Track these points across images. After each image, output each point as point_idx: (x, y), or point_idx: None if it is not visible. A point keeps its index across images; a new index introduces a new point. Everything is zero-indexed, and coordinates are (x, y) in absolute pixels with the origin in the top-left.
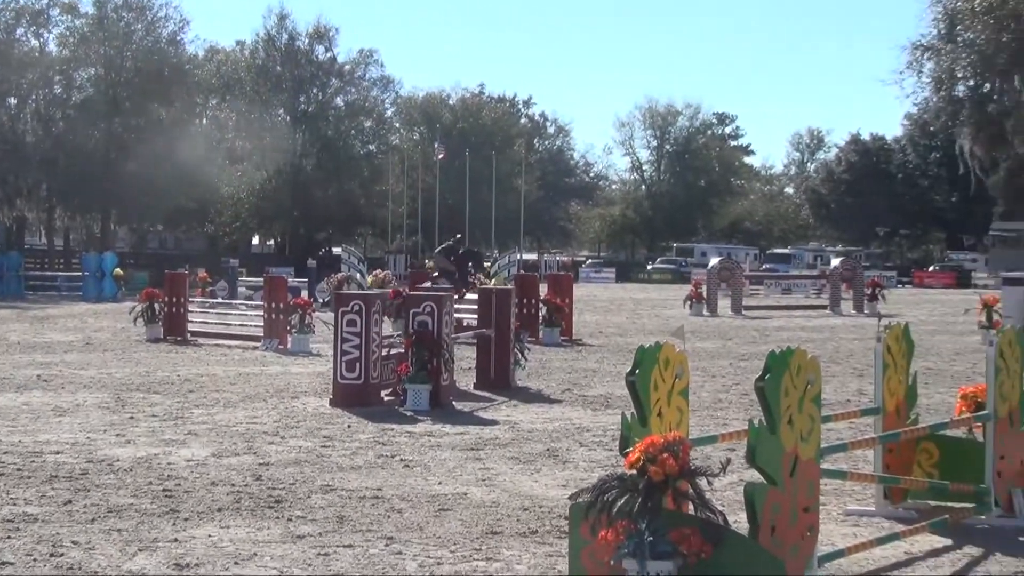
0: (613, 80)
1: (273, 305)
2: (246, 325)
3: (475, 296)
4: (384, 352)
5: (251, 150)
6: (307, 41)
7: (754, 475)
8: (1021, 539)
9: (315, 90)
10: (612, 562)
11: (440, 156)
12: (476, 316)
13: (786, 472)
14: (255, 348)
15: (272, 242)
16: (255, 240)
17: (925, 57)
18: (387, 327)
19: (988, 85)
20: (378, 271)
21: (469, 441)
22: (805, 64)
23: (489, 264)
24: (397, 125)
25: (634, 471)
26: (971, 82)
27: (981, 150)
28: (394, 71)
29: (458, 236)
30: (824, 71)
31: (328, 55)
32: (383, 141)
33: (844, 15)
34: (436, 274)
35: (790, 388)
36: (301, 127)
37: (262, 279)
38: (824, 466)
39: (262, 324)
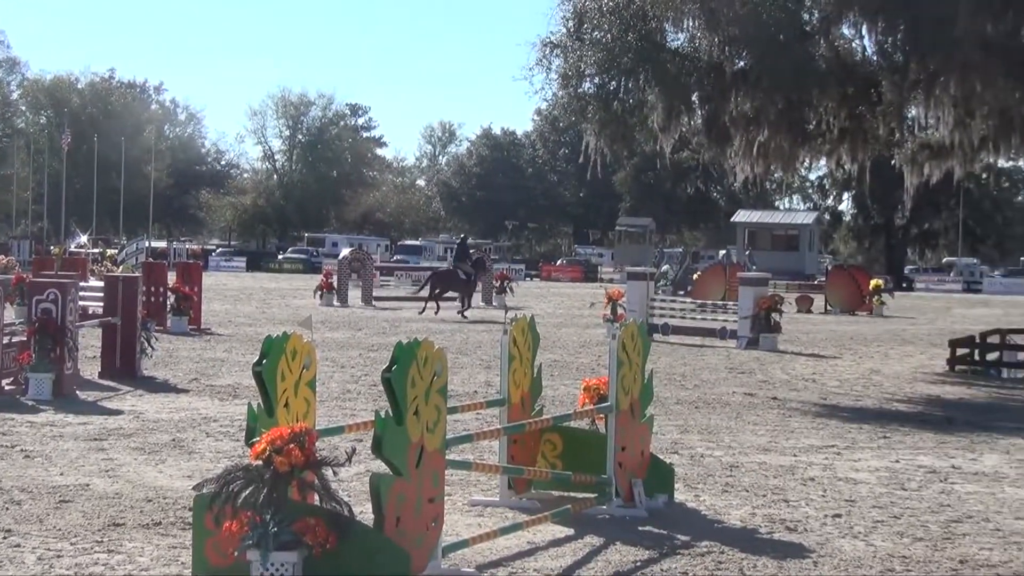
0: (247, 68)
1: None
2: None
3: (101, 283)
4: (5, 340)
5: None
6: None
7: (381, 466)
8: (641, 529)
9: None
10: (236, 553)
11: (66, 144)
12: (102, 304)
13: (412, 463)
14: None
15: None
16: None
17: (554, 54)
18: (9, 314)
19: (614, 83)
20: (0, 257)
21: (92, 431)
22: (439, 57)
23: (116, 251)
24: (23, 108)
25: (260, 462)
26: (597, 79)
27: (607, 146)
28: (20, 53)
29: (463, 236)
30: (457, 65)
31: None
32: (8, 124)
33: (478, 11)
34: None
35: (417, 379)
36: None
37: None
38: (450, 457)
39: None
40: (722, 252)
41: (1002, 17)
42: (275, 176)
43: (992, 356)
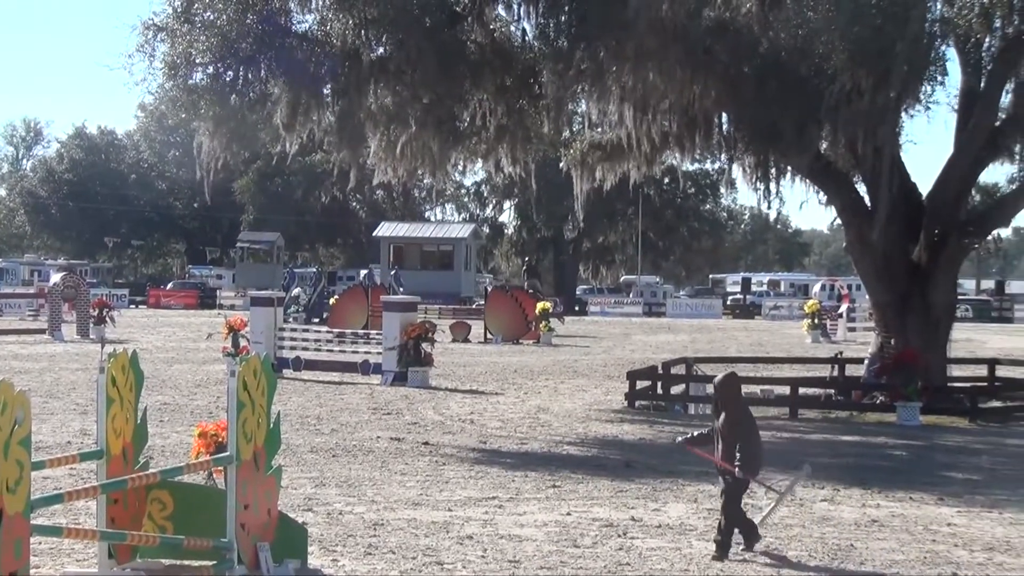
0: None
1: None
2: None
3: None
4: None
5: None
6: None
7: None
8: None
9: None
10: None
11: None
12: None
13: None
14: None
15: None
16: None
17: (159, 38)
18: None
19: (231, 73)
20: None
21: None
22: (19, 41)
23: None
24: None
25: None
26: (211, 69)
27: (223, 148)
28: None
29: (529, 260)
30: (43, 51)
31: None
32: None
33: None
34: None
35: None
36: None
37: None
38: (36, 521)
39: None
40: (363, 272)
41: None
42: None
43: (677, 389)
